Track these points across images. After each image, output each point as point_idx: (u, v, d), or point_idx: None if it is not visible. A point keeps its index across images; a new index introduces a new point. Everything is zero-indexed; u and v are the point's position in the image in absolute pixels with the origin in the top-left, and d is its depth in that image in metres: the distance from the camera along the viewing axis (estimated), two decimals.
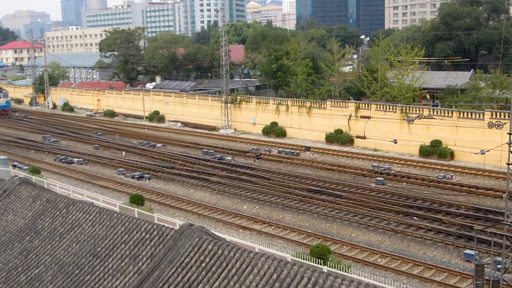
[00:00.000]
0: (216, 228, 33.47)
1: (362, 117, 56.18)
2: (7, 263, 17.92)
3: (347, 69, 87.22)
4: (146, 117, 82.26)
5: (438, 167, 46.89)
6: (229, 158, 52.92)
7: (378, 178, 43.39)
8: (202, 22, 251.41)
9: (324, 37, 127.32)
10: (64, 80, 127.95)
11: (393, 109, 55.57)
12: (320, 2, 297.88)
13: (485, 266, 20.87)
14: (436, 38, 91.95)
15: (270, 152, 55.71)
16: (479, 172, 44.19)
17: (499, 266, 21.24)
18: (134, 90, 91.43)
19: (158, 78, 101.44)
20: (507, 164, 23.89)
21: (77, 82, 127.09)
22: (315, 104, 62.80)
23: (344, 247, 30.56)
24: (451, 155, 49.76)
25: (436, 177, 43.39)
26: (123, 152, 58.41)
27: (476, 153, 43.41)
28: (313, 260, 24.97)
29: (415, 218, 34.37)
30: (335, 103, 61.29)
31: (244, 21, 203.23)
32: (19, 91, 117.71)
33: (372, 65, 69.49)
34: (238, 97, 71.52)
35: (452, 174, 44.19)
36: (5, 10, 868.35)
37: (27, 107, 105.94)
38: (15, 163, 50.61)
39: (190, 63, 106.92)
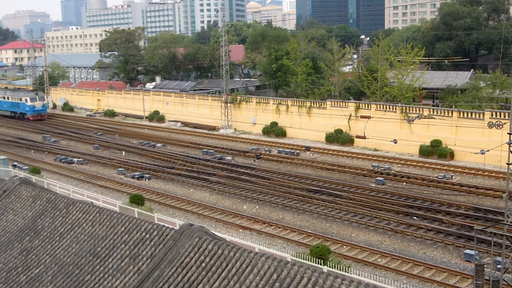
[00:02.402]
0: (216, 228, 33.48)
1: (362, 117, 56.16)
2: (7, 263, 17.92)
3: (347, 69, 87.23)
4: (146, 117, 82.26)
5: (438, 167, 46.89)
6: (229, 158, 52.92)
7: (378, 178, 43.39)
8: (202, 22, 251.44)
9: (324, 37, 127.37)
10: (64, 80, 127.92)
11: (393, 109, 55.57)
12: (320, 2, 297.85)
13: (485, 266, 20.87)
14: (436, 38, 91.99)
15: (270, 152, 55.71)
16: (479, 172, 44.19)
17: (499, 266, 21.25)
18: (134, 90, 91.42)
19: (158, 78, 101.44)
20: (507, 164, 23.89)
21: (77, 82, 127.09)
22: (315, 104, 62.80)
23: (344, 247, 30.56)
24: (451, 155, 49.76)
25: (436, 177, 43.39)
26: (123, 152, 58.41)
27: (476, 153, 43.41)
28: (313, 260, 24.97)
29: (415, 218, 34.37)
30: (335, 103, 61.29)
31: (244, 21, 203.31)
32: None
33: (372, 65, 69.51)
34: (238, 97, 71.53)
35: (452, 174, 44.19)
36: (5, 10, 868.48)
37: None
38: (15, 163, 50.60)
39: (190, 63, 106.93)
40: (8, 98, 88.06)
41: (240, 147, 59.48)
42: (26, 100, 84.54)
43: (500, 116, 47.26)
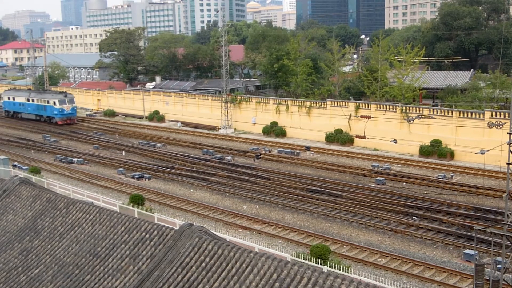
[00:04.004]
0: (216, 228, 33.48)
1: (362, 117, 56.18)
2: (7, 263, 17.92)
3: (347, 69, 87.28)
4: (146, 117, 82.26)
5: (438, 167, 46.88)
6: (229, 158, 52.92)
7: (378, 178, 43.38)
8: (202, 22, 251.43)
9: (324, 37, 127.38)
10: (64, 80, 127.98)
11: (393, 109, 55.57)
12: (320, 2, 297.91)
13: (485, 266, 20.87)
14: (436, 38, 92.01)
15: (270, 152, 55.70)
16: (479, 172, 44.19)
17: (499, 266, 21.25)
18: (134, 90, 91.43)
19: (158, 78, 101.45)
20: (507, 164, 23.91)
21: (77, 82, 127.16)
22: (315, 104, 62.79)
23: (344, 247, 30.56)
24: (451, 155, 49.77)
25: (436, 177, 43.39)
26: (123, 152, 58.41)
27: (476, 153, 43.41)
28: (313, 260, 24.97)
29: (415, 218, 34.38)
30: (335, 103, 61.29)
31: (244, 21, 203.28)
32: None
33: (372, 65, 69.52)
34: (238, 97, 71.52)
35: (452, 174, 44.19)
36: (5, 10, 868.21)
37: None
38: (15, 163, 50.61)
39: (190, 63, 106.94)
40: (33, 101, 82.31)
41: (240, 147, 59.47)
42: (54, 102, 78.29)
43: (500, 116, 47.26)
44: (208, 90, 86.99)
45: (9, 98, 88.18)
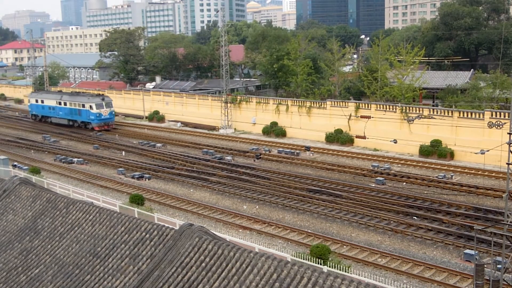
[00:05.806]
0: (216, 228, 33.48)
1: (362, 117, 56.17)
2: (7, 263, 17.92)
3: (347, 69, 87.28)
4: (146, 117, 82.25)
5: (438, 167, 46.89)
6: (229, 158, 52.92)
7: (378, 178, 43.38)
8: (202, 22, 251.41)
9: (324, 37, 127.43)
10: (64, 80, 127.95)
11: (393, 109, 55.57)
12: (320, 2, 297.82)
13: (485, 266, 20.87)
14: (436, 38, 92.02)
15: (270, 152, 55.70)
16: (479, 172, 44.19)
17: (499, 266, 21.24)
18: (134, 90, 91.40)
19: (158, 78, 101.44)
20: (507, 164, 23.91)
21: (77, 82, 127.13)
22: (315, 104, 62.78)
23: (344, 247, 30.56)
24: (451, 155, 49.76)
25: (436, 177, 43.39)
26: (123, 152, 58.41)
27: (476, 153, 43.39)
28: (313, 260, 24.97)
29: (415, 218, 34.38)
30: (335, 103, 61.29)
31: (244, 21, 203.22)
32: (19, 91, 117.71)
33: (372, 65, 69.52)
34: (238, 97, 71.51)
35: (452, 174, 44.19)
36: (5, 10, 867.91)
37: (27, 107, 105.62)
38: (15, 163, 50.60)
39: (190, 63, 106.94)
40: (65, 104, 75.46)
41: (240, 147, 59.47)
42: (91, 106, 71.36)
43: (500, 116, 47.26)
44: (208, 90, 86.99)
45: (36, 101, 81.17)
